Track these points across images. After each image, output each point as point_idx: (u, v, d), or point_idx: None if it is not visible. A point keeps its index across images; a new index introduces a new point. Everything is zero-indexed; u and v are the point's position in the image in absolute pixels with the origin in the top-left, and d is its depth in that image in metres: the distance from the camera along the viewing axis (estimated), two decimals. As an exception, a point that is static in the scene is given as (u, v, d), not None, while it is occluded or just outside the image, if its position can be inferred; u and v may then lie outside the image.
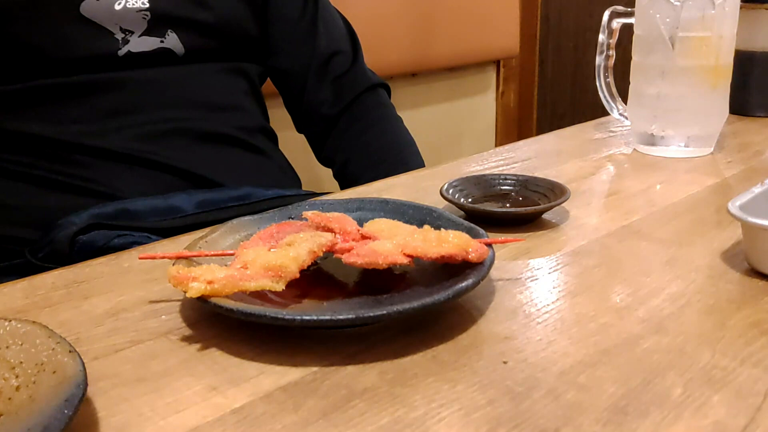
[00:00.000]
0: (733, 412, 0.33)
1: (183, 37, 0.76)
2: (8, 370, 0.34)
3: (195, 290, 0.39)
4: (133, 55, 0.73)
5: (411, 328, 0.41)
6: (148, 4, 0.74)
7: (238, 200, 0.72)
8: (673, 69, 0.74)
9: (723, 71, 0.75)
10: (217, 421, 0.34)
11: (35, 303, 0.46)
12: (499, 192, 0.63)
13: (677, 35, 0.73)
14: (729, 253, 0.51)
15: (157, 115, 0.74)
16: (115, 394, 0.36)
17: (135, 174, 0.72)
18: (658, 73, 0.75)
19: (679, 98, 0.75)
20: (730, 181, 0.68)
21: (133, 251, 0.56)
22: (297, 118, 0.95)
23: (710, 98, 0.76)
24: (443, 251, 0.43)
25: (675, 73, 0.74)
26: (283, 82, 0.92)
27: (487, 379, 0.36)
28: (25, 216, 0.71)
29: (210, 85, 0.80)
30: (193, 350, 0.40)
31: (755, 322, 0.41)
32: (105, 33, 0.72)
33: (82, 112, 0.71)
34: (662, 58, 0.74)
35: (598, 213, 0.60)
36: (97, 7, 0.71)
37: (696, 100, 0.75)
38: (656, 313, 0.43)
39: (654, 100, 0.76)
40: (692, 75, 0.74)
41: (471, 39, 1.49)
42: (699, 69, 0.74)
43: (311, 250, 0.43)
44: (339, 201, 0.55)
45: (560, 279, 0.48)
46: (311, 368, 0.38)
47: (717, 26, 0.73)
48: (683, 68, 0.74)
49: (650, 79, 0.76)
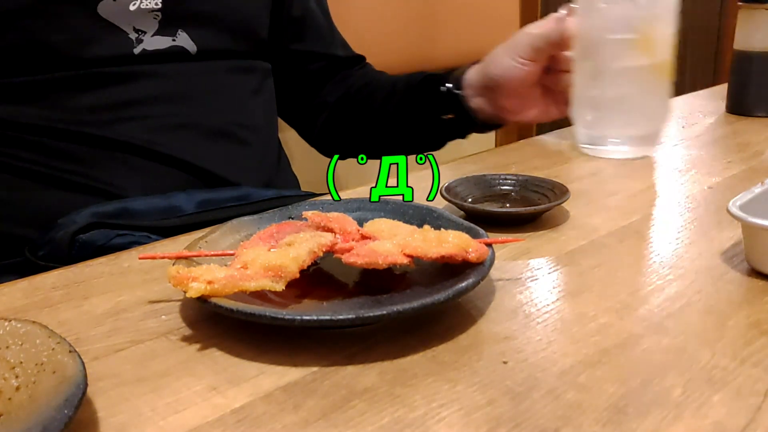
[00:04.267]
0: (733, 412, 0.33)
1: (194, 36, 0.77)
2: (8, 370, 0.34)
3: (195, 290, 0.39)
4: (148, 53, 0.74)
5: (411, 328, 0.41)
6: (160, 4, 0.74)
7: (237, 200, 0.72)
8: (605, 71, 0.74)
9: (659, 71, 0.75)
10: (217, 421, 0.34)
11: (35, 303, 0.46)
12: (499, 192, 0.63)
13: (606, 37, 0.72)
14: (729, 253, 0.51)
15: (165, 109, 0.75)
16: (115, 394, 0.36)
17: (137, 169, 0.73)
18: (593, 75, 0.74)
19: (615, 99, 0.74)
20: (730, 181, 0.68)
21: (133, 251, 0.56)
22: (304, 108, 0.95)
23: (646, 99, 0.75)
24: (443, 251, 0.43)
25: (608, 74, 0.74)
26: (302, 66, 0.93)
27: (487, 379, 0.36)
28: (25, 214, 0.71)
29: (220, 83, 0.80)
30: (193, 350, 0.40)
31: (755, 322, 0.41)
32: (120, 33, 0.73)
33: (90, 103, 0.72)
34: (595, 60, 0.73)
35: (598, 213, 0.60)
36: (113, 7, 0.72)
37: (632, 101, 0.75)
38: (656, 313, 0.43)
39: (592, 101, 0.76)
40: (625, 76, 0.73)
41: (471, 39, 1.49)
42: (631, 70, 0.73)
43: (311, 250, 0.43)
44: (339, 201, 0.55)
45: (560, 279, 0.48)
46: (311, 368, 0.38)
47: (645, 28, 0.72)
48: (616, 70, 0.73)
49: (586, 80, 0.75)
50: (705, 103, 1.05)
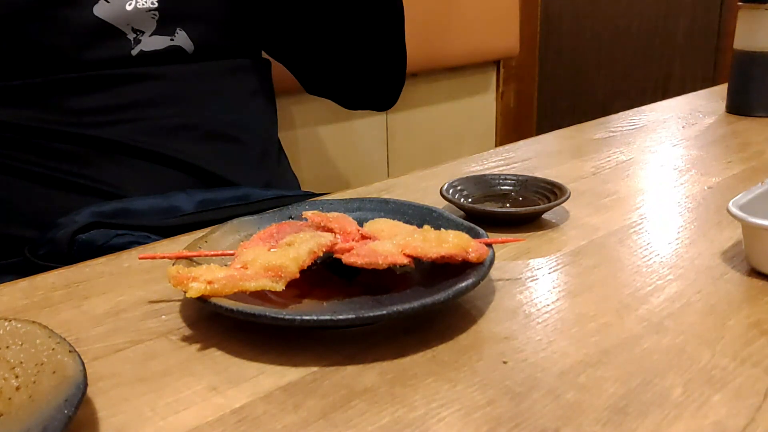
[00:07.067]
0: (733, 412, 0.33)
1: (192, 34, 0.77)
2: (8, 370, 0.34)
3: (195, 290, 0.39)
4: (146, 54, 0.74)
5: (411, 328, 0.41)
6: (156, 3, 0.74)
7: (237, 200, 0.72)
8: None
9: None
10: (217, 421, 0.34)
11: (35, 303, 0.46)
12: (499, 192, 0.63)
13: None
14: (729, 253, 0.51)
15: (164, 111, 0.75)
16: (115, 394, 0.36)
17: (137, 169, 0.73)
18: None
19: None
20: (730, 181, 0.68)
21: (132, 251, 0.56)
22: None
23: None
24: (443, 251, 0.43)
25: None
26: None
27: (487, 379, 0.36)
28: (25, 214, 0.71)
29: (218, 84, 0.80)
30: (193, 350, 0.40)
31: (755, 322, 0.41)
32: (118, 33, 0.73)
33: (89, 105, 0.72)
34: None
35: (598, 213, 0.60)
36: (109, 8, 0.72)
37: None
38: (656, 313, 0.43)
39: None
40: None
41: (471, 39, 1.49)
42: None
43: (311, 250, 0.43)
44: (339, 201, 0.55)
45: (560, 279, 0.48)
46: (311, 368, 0.38)
47: None
48: None
49: None
50: (705, 103, 1.05)
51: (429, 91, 1.49)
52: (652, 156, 0.78)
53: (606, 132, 0.88)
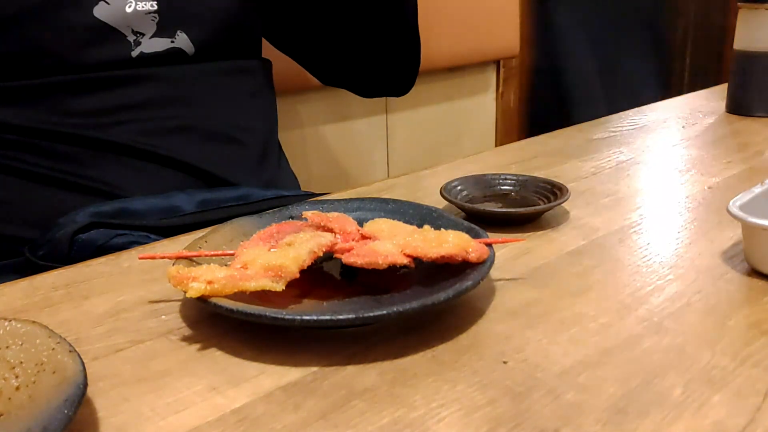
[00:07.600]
0: (733, 412, 0.33)
1: (192, 36, 0.77)
2: (8, 370, 0.34)
3: (195, 290, 0.39)
4: (146, 56, 0.74)
5: (411, 328, 0.41)
6: (156, 6, 0.74)
7: (237, 200, 0.72)
8: None
9: None
10: (217, 421, 0.34)
11: (35, 303, 0.46)
12: (499, 192, 0.63)
13: None
14: (729, 253, 0.51)
15: (164, 112, 0.75)
16: (115, 394, 0.36)
17: (136, 169, 0.73)
18: None
19: None
20: (730, 181, 0.68)
21: (132, 251, 0.56)
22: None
23: None
24: (443, 251, 0.43)
25: None
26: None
27: (487, 379, 0.36)
28: (25, 214, 0.71)
29: (218, 85, 0.80)
30: (193, 350, 0.40)
31: (755, 322, 0.41)
32: (118, 35, 0.73)
33: (89, 106, 0.72)
34: None
35: (597, 213, 0.60)
36: (109, 10, 0.72)
37: None
38: (656, 313, 0.43)
39: None
40: None
41: (471, 39, 1.49)
42: None
43: (311, 250, 0.43)
44: (339, 201, 0.55)
45: (560, 279, 0.48)
46: (311, 368, 0.38)
47: None
48: None
49: None
50: (705, 103, 1.05)
51: (429, 91, 1.49)
52: (652, 156, 0.78)
53: (606, 132, 0.88)
